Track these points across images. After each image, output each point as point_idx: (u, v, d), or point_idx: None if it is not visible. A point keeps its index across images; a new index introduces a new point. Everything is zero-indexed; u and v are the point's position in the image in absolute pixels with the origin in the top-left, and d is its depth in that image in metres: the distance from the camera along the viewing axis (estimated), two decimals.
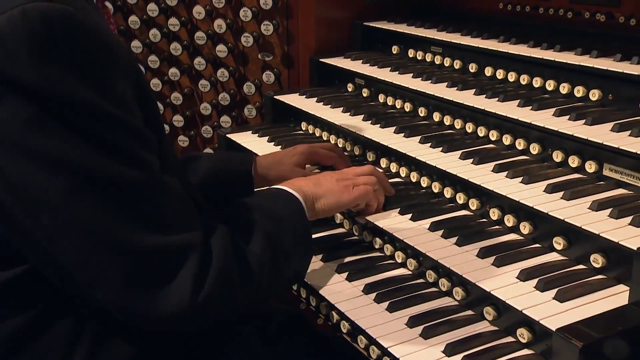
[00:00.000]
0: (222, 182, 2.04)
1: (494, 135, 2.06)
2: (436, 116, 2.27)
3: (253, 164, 2.08)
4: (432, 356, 1.47)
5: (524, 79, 2.20)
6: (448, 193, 1.95)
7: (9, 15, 1.20)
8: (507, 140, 2.02)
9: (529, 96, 2.11)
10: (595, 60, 2.02)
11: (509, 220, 1.78)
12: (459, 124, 2.18)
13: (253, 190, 2.05)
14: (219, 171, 2.05)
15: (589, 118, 1.87)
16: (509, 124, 2.02)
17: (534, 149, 1.94)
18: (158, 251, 1.31)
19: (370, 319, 1.62)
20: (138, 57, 3.05)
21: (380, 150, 2.21)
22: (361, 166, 1.95)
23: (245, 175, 2.07)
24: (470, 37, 2.46)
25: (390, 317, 1.62)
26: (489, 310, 1.57)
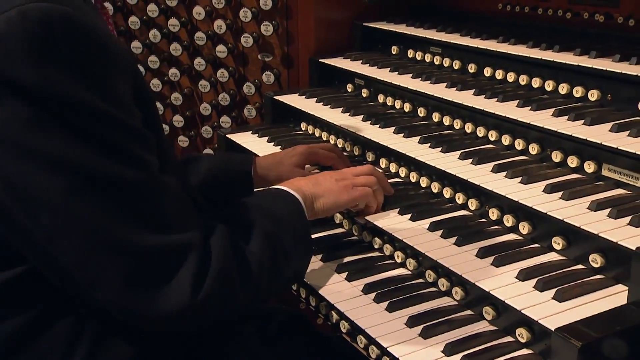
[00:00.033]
0: (222, 183, 2.05)
1: (493, 135, 2.07)
2: (435, 116, 2.27)
3: (253, 165, 2.08)
4: (432, 356, 1.48)
5: (523, 80, 2.21)
6: (447, 193, 1.96)
7: (8, 15, 1.21)
8: (506, 140, 2.02)
9: (528, 96, 2.11)
10: (594, 61, 2.02)
11: (508, 220, 1.78)
12: (458, 124, 2.18)
13: (253, 191, 2.06)
14: (219, 172, 2.06)
15: (587, 118, 1.87)
16: (508, 124, 2.02)
17: (533, 149, 1.95)
18: (158, 251, 1.31)
19: (369, 319, 1.62)
20: (138, 58, 3.05)
21: (380, 150, 2.21)
22: (360, 166, 1.95)
23: (245, 176, 2.07)
24: (470, 38, 2.46)
25: (390, 317, 1.62)
26: (488, 310, 1.58)
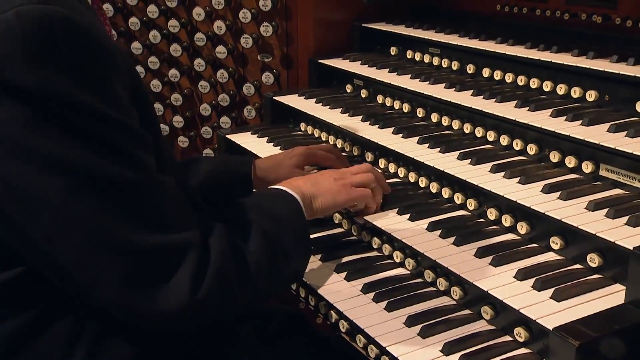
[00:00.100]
0: (222, 185, 2.05)
1: (491, 135, 2.07)
2: (434, 117, 2.28)
3: (252, 167, 2.09)
4: (430, 355, 1.48)
5: (521, 80, 2.21)
6: (446, 193, 1.96)
7: (5, 17, 1.21)
8: (505, 140, 2.03)
9: (526, 97, 2.12)
10: (592, 62, 2.03)
11: (507, 220, 1.79)
12: (456, 125, 2.19)
13: (252, 192, 2.06)
14: (218, 174, 2.06)
15: (585, 119, 1.88)
16: (507, 125, 2.03)
17: (531, 149, 1.95)
18: (157, 250, 1.32)
19: (368, 319, 1.62)
20: (138, 59, 3.06)
21: (379, 150, 2.22)
22: (358, 165, 1.95)
23: (245, 178, 2.08)
24: (468, 39, 2.46)
25: (389, 317, 1.63)
26: (487, 310, 1.58)
